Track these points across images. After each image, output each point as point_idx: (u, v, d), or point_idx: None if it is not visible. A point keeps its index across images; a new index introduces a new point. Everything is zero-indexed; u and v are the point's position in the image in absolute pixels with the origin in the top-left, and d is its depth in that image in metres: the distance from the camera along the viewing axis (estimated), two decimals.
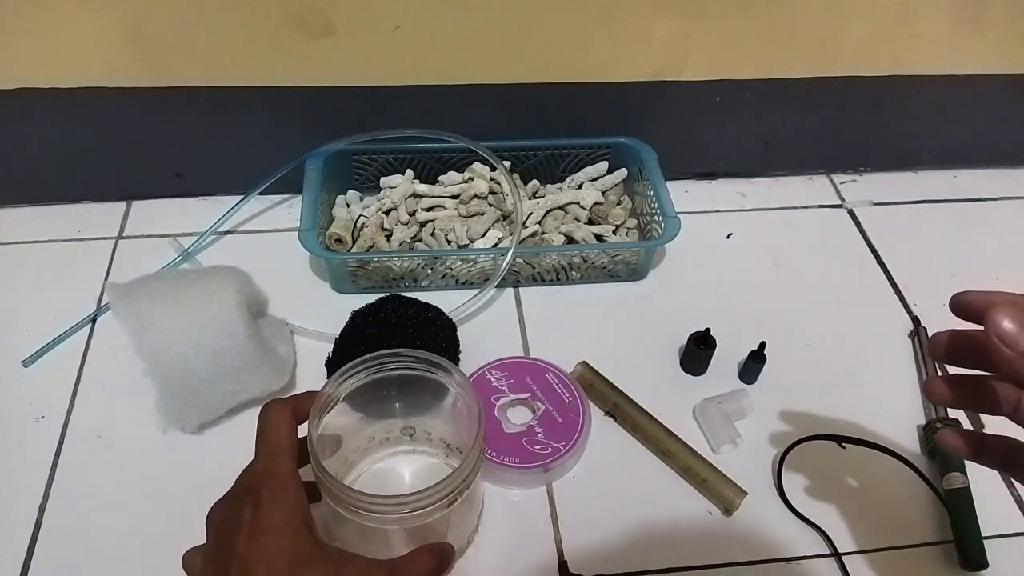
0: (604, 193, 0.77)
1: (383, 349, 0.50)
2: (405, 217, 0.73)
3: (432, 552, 0.42)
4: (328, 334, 0.63)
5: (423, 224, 0.74)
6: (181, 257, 0.72)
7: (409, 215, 0.74)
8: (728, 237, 0.78)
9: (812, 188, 0.84)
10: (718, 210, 0.81)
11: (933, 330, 0.66)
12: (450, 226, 0.72)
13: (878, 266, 0.76)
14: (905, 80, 0.77)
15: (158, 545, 0.39)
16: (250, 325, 0.59)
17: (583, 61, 0.72)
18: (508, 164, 0.74)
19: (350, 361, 0.49)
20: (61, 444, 0.58)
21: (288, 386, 0.61)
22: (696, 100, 0.76)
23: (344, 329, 0.60)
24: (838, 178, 0.86)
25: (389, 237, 0.73)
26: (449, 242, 0.72)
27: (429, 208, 0.74)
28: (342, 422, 0.52)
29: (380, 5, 0.66)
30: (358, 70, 0.70)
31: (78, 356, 0.64)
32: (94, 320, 0.67)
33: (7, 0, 0.62)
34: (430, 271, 0.69)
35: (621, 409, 0.61)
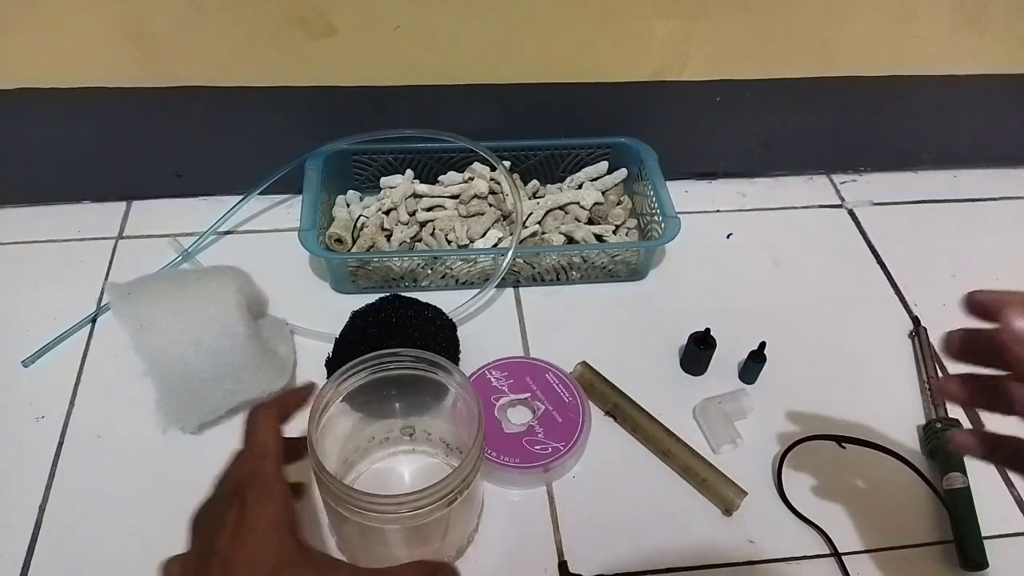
0: (604, 193, 0.77)
1: (383, 349, 0.50)
2: (405, 217, 0.73)
3: (423, 568, 0.41)
4: (328, 334, 0.63)
5: (423, 224, 0.74)
6: (181, 257, 0.72)
7: (409, 215, 0.74)
8: (728, 237, 0.78)
9: (812, 188, 0.84)
10: (718, 210, 0.81)
11: (933, 330, 0.66)
12: (450, 226, 0.72)
13: (878, 266, 0.75)
14: (905, 80, 0.77)
15: (158, 545, 0.39)
16: (250, 325, 0.59)
17: (583, 61, 0.72)
18: (508, 164, 0.74)
19: (350, 361, 0.49)
20: (61, 444, 0.58)
21: (288, 386, 0.61)
22: (696, 100, 0.76)
23: (344, 329, 0.60)
24: (838, 178, 0.86)
25: (389, 237, 0.73)
26: (449, 242, 0.72)
27: (429, 208, 0.74)
28: (342, 422, 0.52)
29: (380, 5, 0.66)
30: (358, 70, 0.70)
31: (78, 356, 0.64)
32: (94, 320, 0.67)
33: (7, 0, 0.62)
34: (430, 271, 0.69)
35: (621, 409, 0.61)
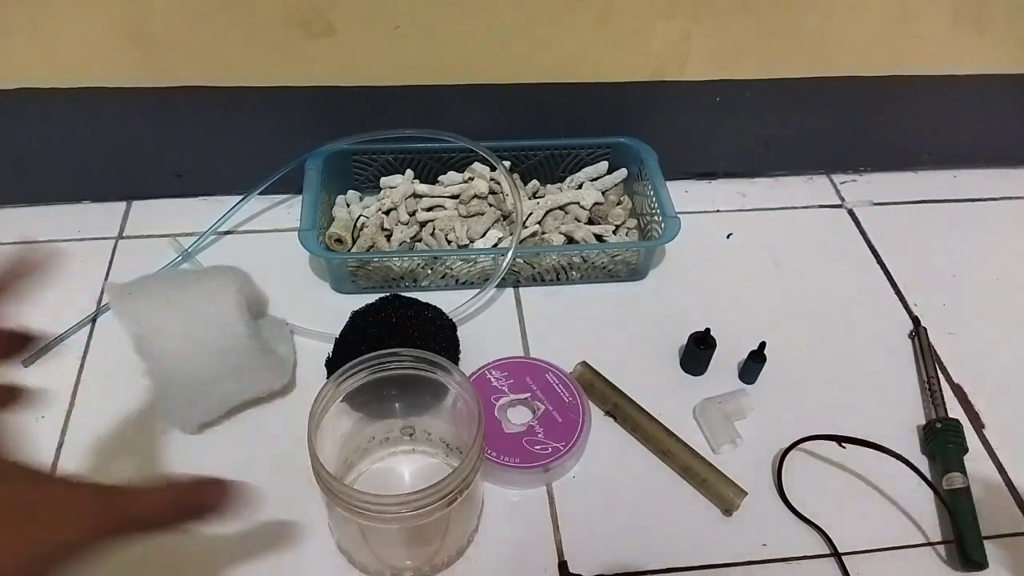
0: (604, 193, 0.77)
1: (383, 349, 0.50)
2: (405, 217, 0.73)
3: (179, 491, 0.32)
4: (328, 334, 0.63)
5: (423, 224, 0.74)
6: (181, 257, 0.72)
7: (409, 215, 0.74)
8: (728, 237, 0.78)
9: (812, 188, 0.84)
10: (718, 210, 0.81)
11: (933, 330, 0.66)
12: (450, 226, 0.72)
13: (878, 266, 0.75)
14: (905, 80, 0.77)
15: (158, 545, 0.39)
16: (250, 325, 0.58)
17: (583, 61, 0.72)
18: (508, 164, 0.74)
19: (350, 361, 0.49)
20: (61, 444, 0.58)
21: (288, 386, 0.61)
22: (696, 100, 0.76)
23: (344, 329, 0.60)
24: (838, 178, 0.86)
25: (389, 237, 0.73)
26: (449, 242, 0.72)
27: (429, 208, 0.74)
28: (342, 422, 0.52)
29: (380, 5, 0.66)
30: (358, 70, 0.70)
31: (78, 356, 0.64)
32: (94, 320, 0.67)
33: (7, 0, 0.62)
34: (430, 271, 0.69)
35: (621, 409, 0.61)
